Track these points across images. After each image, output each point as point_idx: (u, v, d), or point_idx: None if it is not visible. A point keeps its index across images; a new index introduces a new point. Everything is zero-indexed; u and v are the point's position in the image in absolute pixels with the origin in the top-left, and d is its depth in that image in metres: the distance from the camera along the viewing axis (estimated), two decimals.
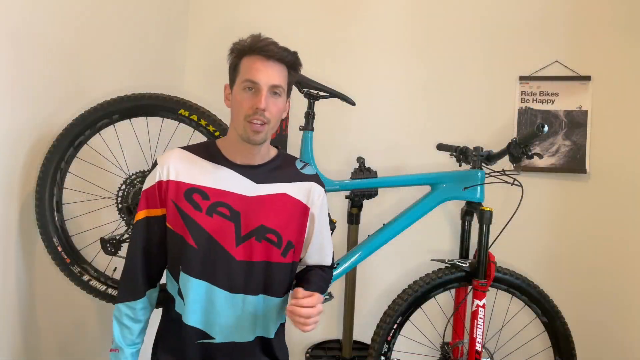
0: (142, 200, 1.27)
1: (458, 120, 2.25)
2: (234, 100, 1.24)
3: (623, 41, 2.14)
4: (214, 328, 1.24)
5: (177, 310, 1.26)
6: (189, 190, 1.23)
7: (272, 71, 1.20)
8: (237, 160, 1.27)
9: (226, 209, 1.23)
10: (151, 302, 1.32)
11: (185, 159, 1.27)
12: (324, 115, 2.20)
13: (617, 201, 2.12)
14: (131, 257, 1.29)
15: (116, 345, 1.27)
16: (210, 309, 1.23)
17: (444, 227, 2.25)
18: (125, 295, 1.28)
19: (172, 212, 1.24)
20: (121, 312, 1.28)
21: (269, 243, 1.25)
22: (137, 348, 1.30)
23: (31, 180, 1.55)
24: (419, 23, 2.30)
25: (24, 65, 1.45)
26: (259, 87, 1.19)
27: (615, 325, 2.11)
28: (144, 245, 1.28)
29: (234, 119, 1.24)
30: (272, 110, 1.20)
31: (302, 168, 1.36)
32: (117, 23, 1.88)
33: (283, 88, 1.23)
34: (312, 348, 2.21)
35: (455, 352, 1.85)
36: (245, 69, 1.21)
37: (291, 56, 1.25)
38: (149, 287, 1.30)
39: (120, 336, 1.27)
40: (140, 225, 1.27)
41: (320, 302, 1.21)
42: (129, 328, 1.28)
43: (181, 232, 1.23)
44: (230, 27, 2.39)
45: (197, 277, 1.22)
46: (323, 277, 1.36)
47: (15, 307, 1.50)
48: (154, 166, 1.28)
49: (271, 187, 1.28)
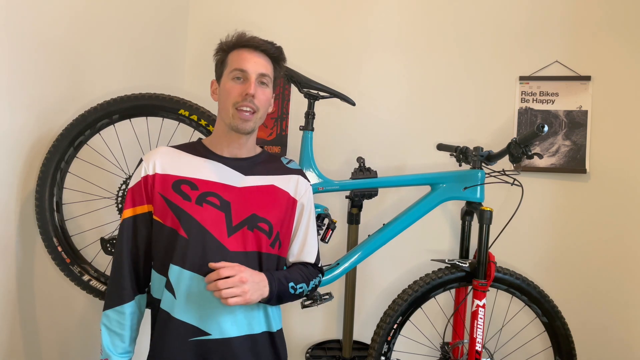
0: (128, 199, 1.26)
1: (458, 120, 2.25)
2: (222, 91, 1.27)
3: (623, 41, 2.14)
4: (209, 323, 1.19)
5: (164, 308, 1.21)
6: (177, 182, 1.23)
7: (259, 60, 1.26)
8: (224, 153, 1.30)
9: (216, 198, 1.23)
10: (140, 308, 1.28)
11: (171, 153, 1.29)
12: (324, 115, 2.20)
13: (617, 201, 2.12)
14: (117, 259, 1.25)
15: (106, 354, 1.22)
16: (204, 304, 1.18)
17: (444, 227, 2.25)
18: (114, 300, 1.23)
19: (160, 205, 1.23)
20: (110, 319, 1.23)
21: (260, 232, 1.24)
22: (128, 358, 1.25)
23: (31, 180, 1.55)
24: (419, 23, 2.30)
25: (24, 65, 1.45)
26: (248, 75, 1.23)
27: (615, 325, 2.11)
28: (130, 245, 1.25)
29: (221, 109, 1.28)
30: (260, 98, 1.25)
31: (288, 163, 1.39)
32: (117, 23, 1.89)
33: (270, 78, 1.28)
34: (312, 348, 2.22)
35: (455, 352, 1.85)
36: (233, 61, 1.26)
37: (275, 49, 1.30)
38: (138, 292, 1.26)
39: (110, 345, 1.23)
40: (126, 225, 1.25)
41: (241, 272, 1.13)
42: (119, 335, 1.23)
43: (171, 224, 1.21)
44: (231, 27, 2.38)
45: (189, 269, 1.18)
46: (300, 269, 1.32)
47: (15, 307, 1.50)
48: (139, 163, 1.28)
49: (259, 179, 1.29)
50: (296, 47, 2.23)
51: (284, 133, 2.33)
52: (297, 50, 2.20)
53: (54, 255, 1.57)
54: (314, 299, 1.80)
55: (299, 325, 2.30)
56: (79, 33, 1.68)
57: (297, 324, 2.29)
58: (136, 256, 1.26)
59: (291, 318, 2.30)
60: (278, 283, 1.21)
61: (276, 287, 1.20)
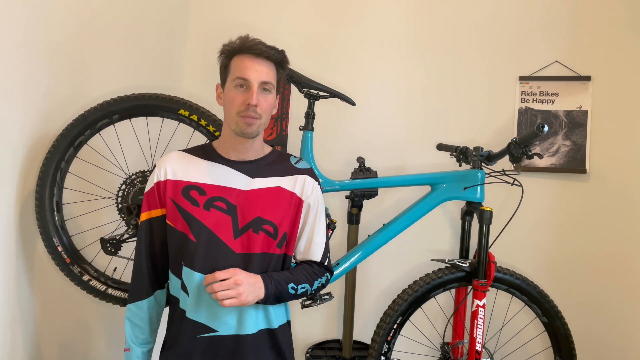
0: (144, 203, 1.33)
1: (458, 120, 2.25)
2: (226, 98, 1.31)
3: (623, 41, 2.14)
4: (217, 321, 1.25)
5: (182, 307, 1.28)
6: (187, 188, 1.29)
7: (261, 68, 1.27)
8: (232, 156, 1.33)
9: (223, 203, 1.28)
10: (159, 301, 1.36)
11: (182, 159, 1.34)
12: (324, 115, 2.20)
13: (617, 201, 2.12)
14: (137, 259, 1.34)
15: (128, 345, 1.32)
16: (212, 303, 1.24)
17: (444, 227, 2.25)
18: (135, 295, 1.33)
19: (172, 210, 1.29)
20: (132, 312, 1.32)
21: (265, 234, 1.28)
22: (149, 348, 1.34)
23: (31, 180, 1.55)
24: (419, 23, 2.30)
25: (24, 65, 1.45)
26: (250, 84, 1.25)
27: (615, 325, 2.11)
28: (148, 246, 1.32)
29: (226, 115, 1.31)
30: (263, 105, 1.27)
31: (296, 163, 1.40)
32: (117, 23, 1.89)
33: (272, 84, 1.30)
34: (312, 348, 2.22)
35: (455, 352, 1.85)
36: (236, 68, 1.27)
37: (278, 54, 1.31)
38: (157, 287, 1.34)
39: (132, 335, 1.32)
40: (143, 227, 1.33)
41: (236, 275, 1.18)
42: (140, 327, 1.32)
43: (182, 228, 1.27)
44: (230, 27, 2.39)
45: (199, 270, 1.24)
46: (304, 269, 1.35)
47: (15, 307, 1.50)
48: (153, 169, 1.34)
49: (266, 181, 1.32)
50: (296, 47, 2.23)
51: (284, 133, 2.33)
52: (297, 50, 2.20)
53: (54, 255, 1.57)
54: (313, 299, 1.80)
55: (299, 325, 2.30)
56: (79, 33, 1.67)
57: (297, 324, 2.29)
58: (154, 256, 1.33)
59: (291, 318, 2.30)
60: (275, 284, 1.25)
61: (273, 288, 1.24)
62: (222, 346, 1.26)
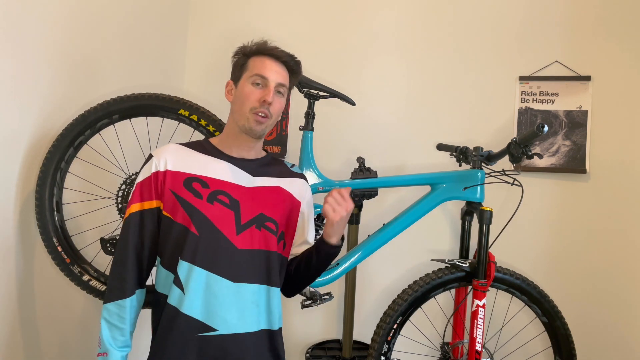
0: (136, 193, 1.27)
1: (458, 120, 2.25)
2: (239, 94, 1.31)
3: (623, 41, 2.14)
4: (216, 319, 1.21)
5: (172, 304, 1.22)
6: (189, 179, 1.27)
7: (280, 70, 1.31)
8: (233, 153, 1.34)
9: (226, 197, 1.27)
10: (139, 302, 1.29)
11: (181, 151, 1.32)
12: (324, 115, 2.20)
13: (617, 201, 2.12)
14: (121, 253, 1.26)
15: (105, 348, 1.23)
16: (211, 300, 1.20)
17: (444, 227, 2.25)
18: (115, 293, 1.24)
19: (171, 201, 1.25)
20: (111, 312, 1.24)
21: (267, 231, 1.28)
22: (127, 352, 1.25)
23: (31, 180, 1.55)
24: (419, 23, 2.30)
25: (24, 65, 1.45)
26: (268, 82, 1.28)
27: (615, 325, 2.11)
28: (136, 240, 1.26)
29: (237, 110, 1.31)
30: (275, 106, 1.30)
31: (291, 167, 1.45)
32: (117, 23, 1.89)
33: (286, 88, 1.34)
34: (312, 348, 2.21)
35: (455, 352, 1.85)
36: (255, 66, 1.30)
37: (295, 63, 1.36)
38: (139, 286, 1.28)
39: (110, 338, 1.23)
40: (133, 219, 1.26)
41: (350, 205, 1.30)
42: (119, 329, 1.24)
43: (182, 220, 1.24)
44: (230, 27, 2.40)
45: (198, 265, 1.21)
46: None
47: (15, 307, 1.50)
48: (149, 159, 1.30)
49: (266, 180, 1.34)
50: (295, 47, 2.22)
51: (284, 133, 2.33)
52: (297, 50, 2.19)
53: (54, 255, 1.57)
54: (313, 299, 1.80)
55: (299, 325, 2.30)
56: (79, 33, 1.68)
57: (297, 324, 2.29)
58: (140, 251, 1.27)
59: (291, 318, 2.30)
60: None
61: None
62: (220, 347, 1.21)
